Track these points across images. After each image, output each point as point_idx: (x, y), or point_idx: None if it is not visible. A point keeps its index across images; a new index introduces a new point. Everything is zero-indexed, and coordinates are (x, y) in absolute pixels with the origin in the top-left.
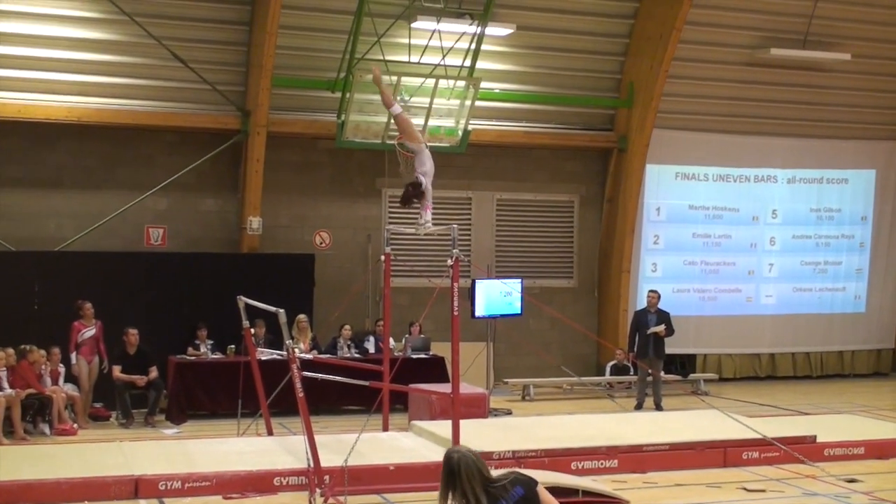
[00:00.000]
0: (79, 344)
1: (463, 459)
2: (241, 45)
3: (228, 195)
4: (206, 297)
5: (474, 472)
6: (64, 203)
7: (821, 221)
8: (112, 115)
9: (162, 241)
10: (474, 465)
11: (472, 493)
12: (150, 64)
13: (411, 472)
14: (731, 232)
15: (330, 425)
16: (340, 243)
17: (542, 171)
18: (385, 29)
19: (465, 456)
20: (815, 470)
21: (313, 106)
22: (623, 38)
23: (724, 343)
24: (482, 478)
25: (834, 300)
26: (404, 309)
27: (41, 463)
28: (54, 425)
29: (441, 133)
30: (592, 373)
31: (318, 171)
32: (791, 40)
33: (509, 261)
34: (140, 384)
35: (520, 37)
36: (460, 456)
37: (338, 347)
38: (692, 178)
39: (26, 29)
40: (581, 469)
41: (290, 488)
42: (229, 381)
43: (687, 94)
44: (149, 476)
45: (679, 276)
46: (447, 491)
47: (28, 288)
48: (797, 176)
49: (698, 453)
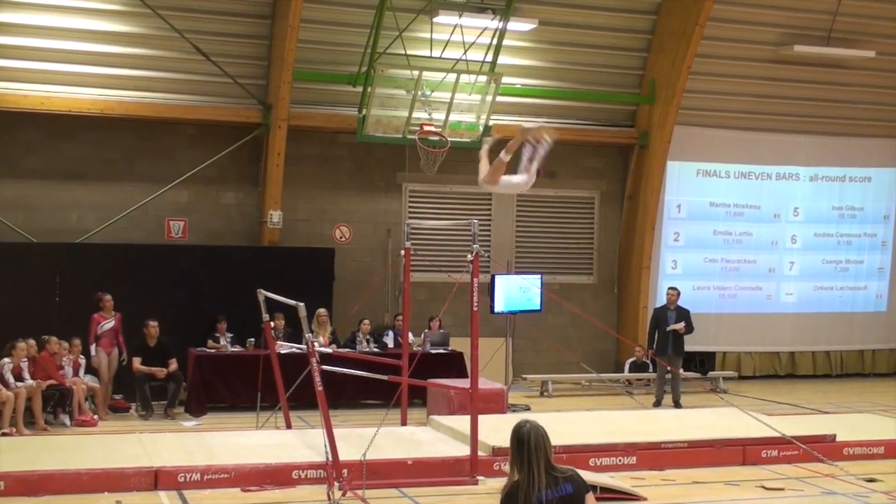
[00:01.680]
0: (98, 336)
1: (533, 431)
2: (263, 38)
3: (249, 188)
4: (226, 290)
5: (542, 448)
6: (85, 195)
7: (843, 219)
8: (134, 107)
9: (182, 234)
10: (542, 439)
11: (537, 465)
12: (172, 57)
13: (429, 467)
14: (753, 229)
15: (348, 419)
16: (360, 238)
17: (562, 167)
18: (407, 23)
19: (536, 428)
20: (835, 469)
21: (334, 100)
22: (645, 34)
23: (743, 341)
24: (547, 457)
25: (855, 299)
26: (423, 304)
27: (61, 454)
28: (74, 416)
29: (462, 128)
30: (611, 369)
31: (339, 165)
32: (815, 37)
33: (529, 257)
34: (160, 376)
35: (542, 32)
36: (531, 427)
37: (357, 342)
38: (713, 175)
39: (49, 21)
40: (599, 465)
41: (308, 481)
42: (248, 374)
43: (709, 90)
44: (168, 468)
45: (699, 273)
46: (516, 459)
47: (49, 279)
48: (819, 173)
49: (717, 451)
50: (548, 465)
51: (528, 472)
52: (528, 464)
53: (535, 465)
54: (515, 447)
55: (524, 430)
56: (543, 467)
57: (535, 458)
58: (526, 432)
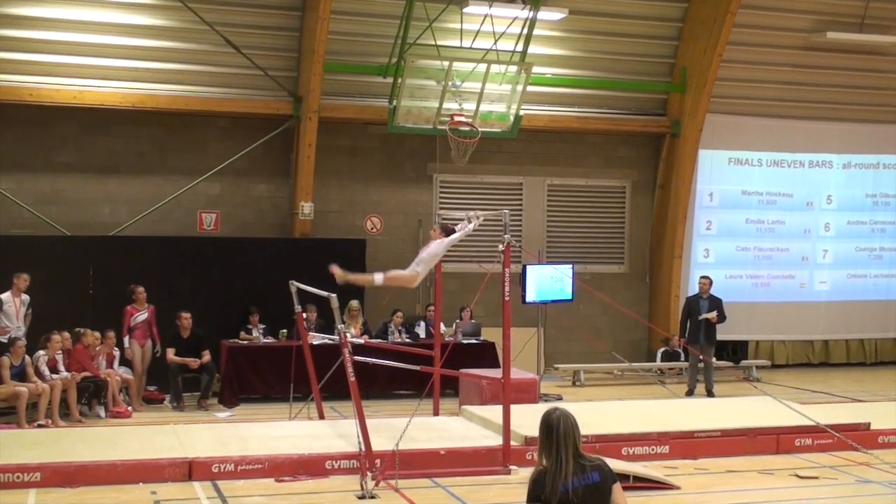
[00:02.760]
0: (132, 328)
1: (563, 418)
2: (294, 30)
3: (280, 180)
4: (258, 282)
5: (570, 434)
6: (118, 188)
7: (877, 207)
8: (165, 100)
9: (214, 226)
10: (572, 427)
11: (565, 451)
12: (203, 50)
13: (462, 457)
14: (785, 218)
15: (381, 409)
16: (391, 228)
17: (593, 156)
18: (437, 14)
19: (566, 416)
20: (869, 457)
21: (365, 91)
22: (677, 22)
23: (776, 329)
24: (575, 445)
25: (889, 286)
26: (455, 294)
27: (96, 445)
28: (109, 408)
29: (492, 118)
30: (643, 359)
31: (370, 156)
32: (848, 24)
33: (560, 246)
34: (193, 366)
35: (572, 21)
36: (560, 414)
37: (389, 332)
38: (745, 164)
39: (81, 15)
40: (632, 455)
41: (341, 472)
42: (281, 366)
43: (741, 78)
44: (202, 458)
45: (732, 262)
46: (545, 445)
47: (83, 272)
48: (853, 161)
49: (750, 440)
50: (576, 452)
51: (556, 459)
52: (557, 451)
53: (564, 452)
54: (545, 434)
55: (553, 417)
56: (572, 455)
57: (564, 446)
58: (555, 419)
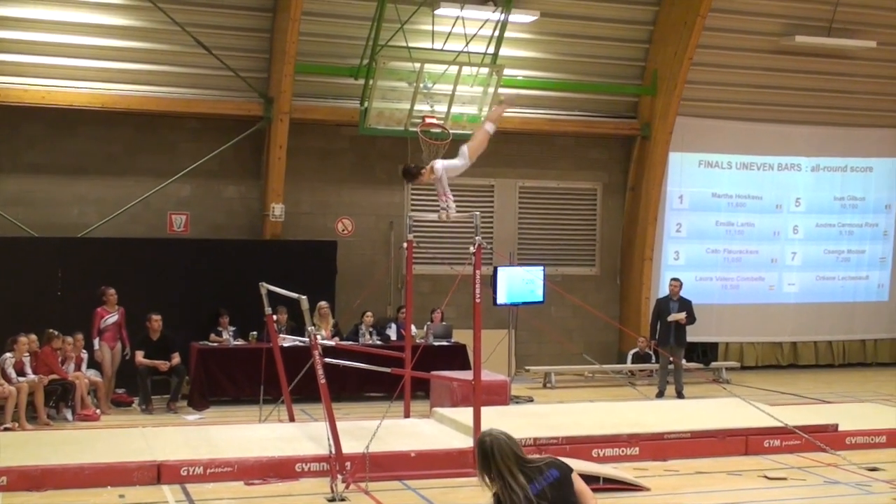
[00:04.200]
0: (101, 330)
1: (495, 442)
2: (265, 31)
3: (251, 182)
4: (229, 284)
5: (508, 453)
6: (87, 189)
7: (844, 210)
8: (135, 101)
9: (185, 228)
10: (507, 446)
11: (509, 472)
12: (174, 50)
13: (432, 459)
14: (755, 220)
15: (351, 412)
16: (363, 230)
17: (565, 158)
18: (408, 15)
19: (497, 438)
20: (837, 458)
21: (336, 93)
22: (647, 26)
23: (746, 331)
24: (517, 458)
25: (857, 289)
26: (426, 296)
27: (64, 448)
28: (77, 411)
29: (464, 120)
30: (614, 360)
31: (341, 158)
32: (816, 28)
33: (532, 248)
34: (163, 369)
35: (543, 24)
36: (492, 439)
37: (360, 334)
38: (715, 166)
39: (50, 15)
40: (602, 456)
41: (311, 474)
42: (251, 368)
43: (711, 81)
44: (171, 462)
45: (701, 264)
46: (484, 473)
47: (51, 274)
48: (821, 164)
49: (720, 441)
50: (521, 464)
51: (503, 482)
52: (500, 474)
53: (507, 472)
54: (482, 462)
55: (486, 444)
56: (517, 469)
57: (506, 466)
58: (488, 445)
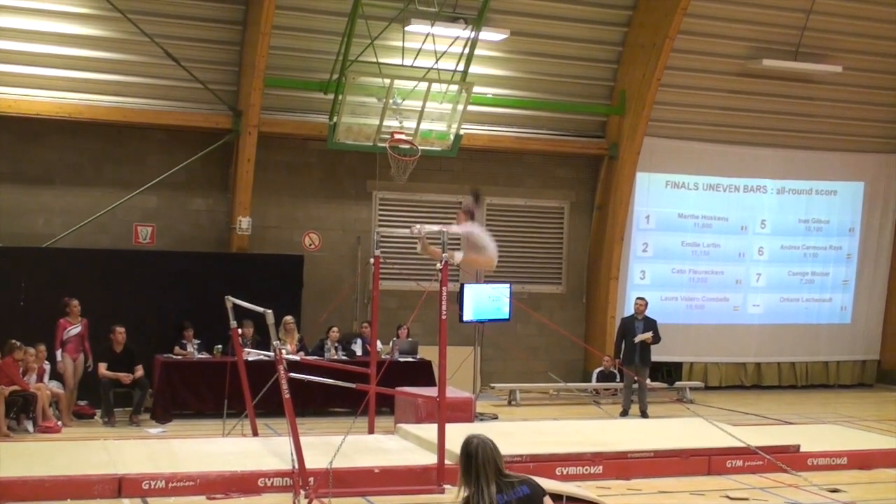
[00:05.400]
0: (64, 341)
1: (481, 446)
2: (235, 44)
3: (218, 195)
4: (194, 297)
5: (490, 460)
6: (52, 199)
7: (809, 232)
8: (103, 111)
9: (150, 240)
10: (491, 453)
11: (485, 478)
12: (142, 61)
13: (396, 475)
14: (720, 241)
15: (316, 427)
16: (330, 245)
17: (532, 176)
18: (379, 31)
19: (484, 443)
20: (799, 479)
21: (305, 107)
22: (616, 46)
23: (710, 351)
24: (496, 468)
25: (820, 311)
26: (392, 312)
27: (24, 460)
28: (38, 422)
29: (432, 137)
30: (579, 379)
31: (309, 172)
32: (783, 52)
33: (498, 266)
34: (126, 382)
35: (513, 42)
36: (479, 441)
37: (325, 349)
38: (682, 187)
39: (17, 24)
40: (566, 475)
41: (274, 489)
42: (215, 381)
43: (679, 103)
44: (132, 475)
45: (667, 283)
46: (466, 477)
47: (15, 284)
48: (786, 186)
49: (683, 461)
50: (498, 474)
51: (477, 486)
52: (477, 478)
53: (484, 478)
54: (464, 462)
55: (472, 446)
56: (493, 479)
57: (484, 472)
58: (474, 447)
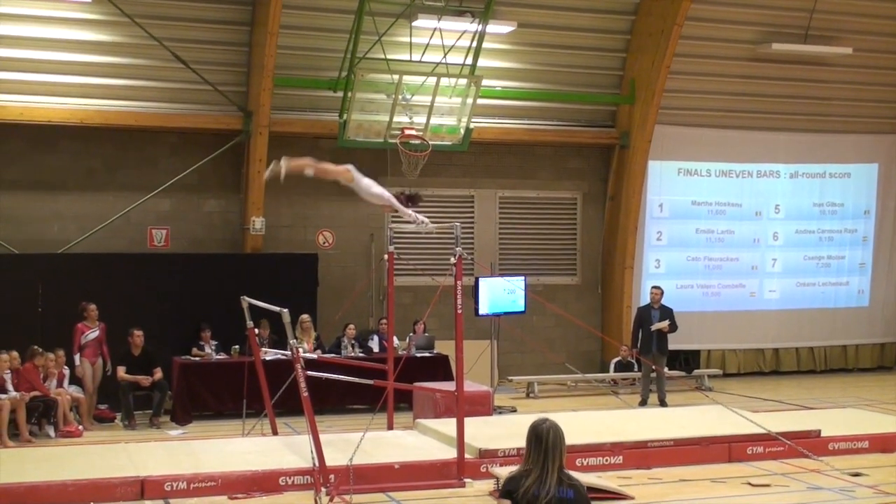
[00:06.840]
0: (82, 346)
1: (552, 429)
2: (243, 45)
3: (231, 196)
4: (210, 298)
5: (558, 445)
6: (67, 205)
7: (824, 216)
8: (114, 116)
9: (165, 243)
10: (560, 440)
11: (552, 463)
12: (152, 65)
13: (416, 470)
14: (734, 227)
15: (334, 424)
16: (343, 243)
17: (544, 168)
18: (386, 28)
19: (555, 427)
20: (820, 464)
21: (315, 105)
22: (624, 35)
23: (727, 338)
24: (561, 456)
25: (837, 294)
26: (408, 307)
27: (46, 465)
28: (59, 427)
29: (443, 131)
30: (596, 369)
31: None
32: (792, 35)
33: (512, 258)
34: (145, 384)
35: (521, 34)
36: (550, 425)
37: (342, 347)
38: (695, 174)
39: (28, 32)
40: (586, 465)
41: (295, 488)
42: (234, 382)
43: (689, 89)
44: (154, 477)
45: (682, 272)
46: (534, 456)
47: (31, 290)
48: (800, 171)
49: (703, 449)
50: (561, 465)
51: (542, 468)
52: (544, 461)
53: (551, 462)
54: (533, 443)
55: (543, 428)
56: (557, 467)
57: (552, 456)
58: (545, 430)
